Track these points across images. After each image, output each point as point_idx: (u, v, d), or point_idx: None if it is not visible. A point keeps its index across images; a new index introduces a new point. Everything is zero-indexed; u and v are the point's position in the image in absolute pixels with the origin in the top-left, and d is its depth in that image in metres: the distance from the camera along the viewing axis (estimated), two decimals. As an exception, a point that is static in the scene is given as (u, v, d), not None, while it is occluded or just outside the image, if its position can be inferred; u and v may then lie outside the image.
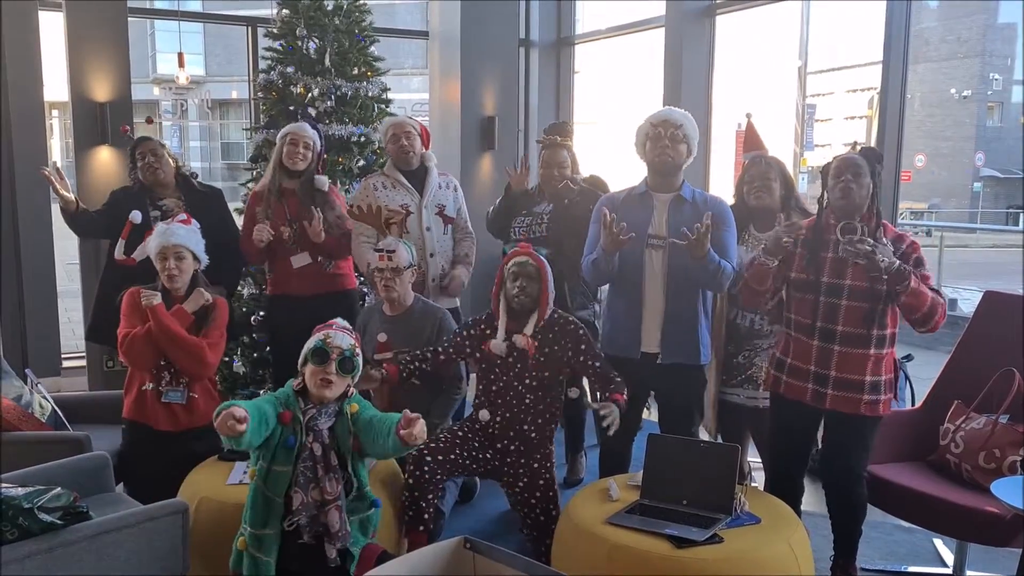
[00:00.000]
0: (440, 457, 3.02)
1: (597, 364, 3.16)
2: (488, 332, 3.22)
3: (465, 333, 3.26)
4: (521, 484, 3.06)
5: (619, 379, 3.12)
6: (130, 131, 5.20)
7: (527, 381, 3.16)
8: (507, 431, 3.16)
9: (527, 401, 3.16)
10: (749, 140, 3.62)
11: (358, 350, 2.53)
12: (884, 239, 2.75)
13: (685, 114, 3.20)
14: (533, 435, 3.16)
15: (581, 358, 3.16)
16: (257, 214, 3.82)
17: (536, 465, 3.10)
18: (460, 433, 3.16)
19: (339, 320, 2.62)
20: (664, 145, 3.14)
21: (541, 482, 3.07)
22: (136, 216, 3.86)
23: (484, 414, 3.19)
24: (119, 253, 3.89)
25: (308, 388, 2.48)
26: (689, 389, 3.25)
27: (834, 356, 2.88)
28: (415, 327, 3.41)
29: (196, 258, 3.25)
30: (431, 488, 2.95)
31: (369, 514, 2.56)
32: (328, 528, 2.41)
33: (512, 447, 3.15)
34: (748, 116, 3.68)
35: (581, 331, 3.19)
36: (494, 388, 3.20)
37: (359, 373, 2.55)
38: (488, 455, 3.16)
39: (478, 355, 3.23)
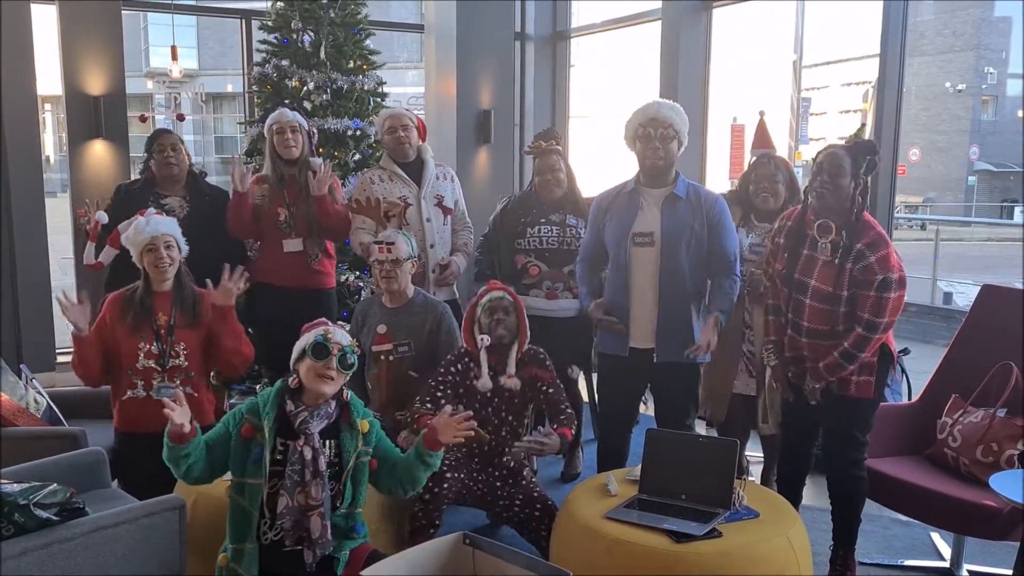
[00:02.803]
0: (454, 475, 3.02)
1: (550, 390, 3.18)
2: (466, 370, 3.19)
3: (443, 381, 3.19)
4: (519, 502, 3.06)
5: (570, 411, 3.15)
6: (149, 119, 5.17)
7: (503, 415, 3.18)
8: (487, 464, 3.17)
9: (503, 433, 3.18)
10: (759, 137, 3.62)
11: (357, 348, 2.48)
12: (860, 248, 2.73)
13: (673, 106, 3.14)
14: (512, 464, 3.16)
15: (543, 385, 3.20)
16: (254, 191, 3.79)
17: (524, 481, 3.13)
18: (460, 458, 3.16)
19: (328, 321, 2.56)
20: (655, 147, 3.09)
21: (535, 493, 3.08)
22: (103, 217, 3.77)
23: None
24: (89, 258, 3.78)
25: (304, 385, 2.40)
26: (683, 384, 3.24)
27: (804, 348, 2.94)
28: (415, 320, 3.41)
29: (179, 249, 3.20)
30: (442, 501, 2.95)
31: (350, 533, 2.50)
32: (309, 535, 2.35)
33: (497, 472, 3.16)
34: (761, 114, 3.69)
35: (548, 362, 3.22)
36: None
37: (354, 371, 2.49)
38: (482, 477, 3.15)
39: (459, 393, 3.18)
